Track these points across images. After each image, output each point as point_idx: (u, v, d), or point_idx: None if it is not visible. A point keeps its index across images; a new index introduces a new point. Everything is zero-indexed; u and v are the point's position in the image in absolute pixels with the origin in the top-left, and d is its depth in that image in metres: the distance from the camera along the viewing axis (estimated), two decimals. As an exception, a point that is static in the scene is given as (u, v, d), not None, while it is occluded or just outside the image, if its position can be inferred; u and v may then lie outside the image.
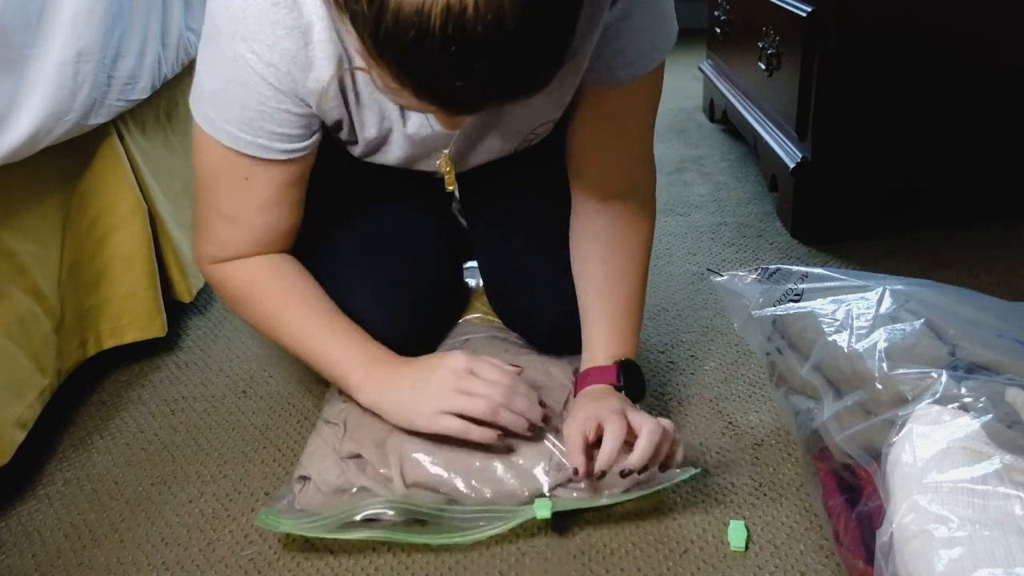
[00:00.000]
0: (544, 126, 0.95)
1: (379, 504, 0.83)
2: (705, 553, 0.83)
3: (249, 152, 0.82)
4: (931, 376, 0.76)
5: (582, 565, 0.82)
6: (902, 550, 0.67)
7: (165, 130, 1.30)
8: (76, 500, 0.95)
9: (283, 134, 0.82)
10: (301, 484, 0.88)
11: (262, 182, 0.85)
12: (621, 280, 0.95)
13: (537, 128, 0.94)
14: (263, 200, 0.87)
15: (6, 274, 0.95)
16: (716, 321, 1.25)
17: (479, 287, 1.15)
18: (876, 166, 1.45)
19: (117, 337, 1.15)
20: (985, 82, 1.41)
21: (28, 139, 0.90)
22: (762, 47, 1.62)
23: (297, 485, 0.88)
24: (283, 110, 0.80)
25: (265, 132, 0.81)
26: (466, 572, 0.82)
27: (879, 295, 0.88)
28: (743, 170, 1.87)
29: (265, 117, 0.80)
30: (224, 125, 0.81)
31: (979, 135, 1.44)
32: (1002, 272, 1.35)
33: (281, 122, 0.81)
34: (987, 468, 0.68)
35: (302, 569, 0.83)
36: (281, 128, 0.81)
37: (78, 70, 0.97)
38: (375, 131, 0.87)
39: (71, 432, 1.07)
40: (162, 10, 1.19)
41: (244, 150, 0.82)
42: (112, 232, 1.13)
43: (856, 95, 1.39)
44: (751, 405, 1.06)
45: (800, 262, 1.43)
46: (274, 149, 0.82)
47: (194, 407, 1.11)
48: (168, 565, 0.85)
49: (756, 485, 0.92)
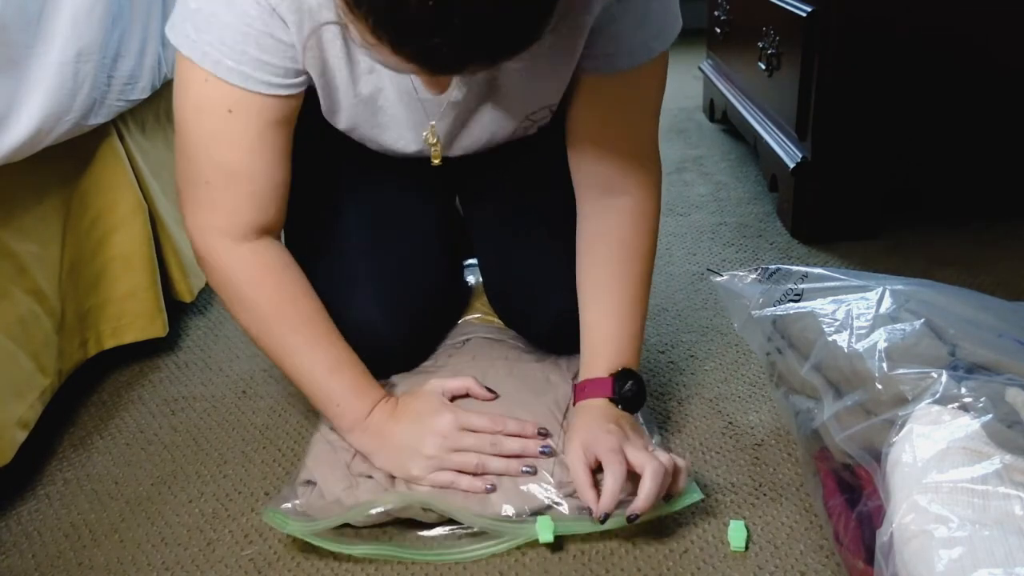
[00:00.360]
0: (541, 113, 0.93)
1: (388, 502, 0.83)
2: (705, 553, 0.83)
3: (231, 80, 0.78)
4: (931, 376, 0.76)
5: (582, 565, 0.82)
6: (902, 550, 0.67)
7: (165, 130, 1.30)
8: (76, 500, 0.95)
9: (267, 63, 0.78)
10: (306, 488, 0.88)
11: (245, 117, 0.81)
12: (622, 283, 0.93)
13: (533, 114, 0.93)
14: (250, 141, 0.82)
15: (7, 274, 0.95)
16: (716, 321, 1.25)
17: (479, 286, 1.15)
18: (876, 166, 1.45)
19: (117, 337, 1.15)
20: (985, 82, 1.41)
21: (28, 139, 0.90)
22: (762, 47, 1.62)
23: (301, 488, 0.88)
24: (267, 33, 0.77)
25: (248, 59, 0.77)
26: (466, 572, 0.82)
27: (879, 295, 0.88)
28: (743, 170, 1.87)
29: (249, 41, 0.76)
30: (206, 47, 0.77)
31: (979, 135, 1.44)
32: (1002, 272, 1.35)
33: (265, 48, 0.77)
34: (987, 468, 0.68)
35: (302, 569, 0.83)
36: (265, 55, 0.78)
37: (78, 70, 0.97)
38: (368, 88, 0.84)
39: (71, 432, 1.07)
40: (162, 10, 1.19)
41: (225, 77, 0.78)
42: (112, 232, 1.13)
43: (856, 95, 1.39)
44: (751, 405, 1.06)
45: (800, 262, 1.43)
46: (256, 79, 0.78)
47: (194, 407, 1.11)
48: (168, 565, 0.85)
49: (756, 485, 0.92)
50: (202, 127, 0.82)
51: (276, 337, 0.88)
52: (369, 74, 0.84)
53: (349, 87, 0.85)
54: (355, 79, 0.84)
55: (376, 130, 0.91)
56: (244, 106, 0.80)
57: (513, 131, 0.95)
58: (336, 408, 0.88)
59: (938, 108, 1.41)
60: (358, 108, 0.87)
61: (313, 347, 0.89)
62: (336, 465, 0.88)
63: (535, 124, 0.95)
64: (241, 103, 0.80)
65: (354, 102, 0.86)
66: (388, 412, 0.89)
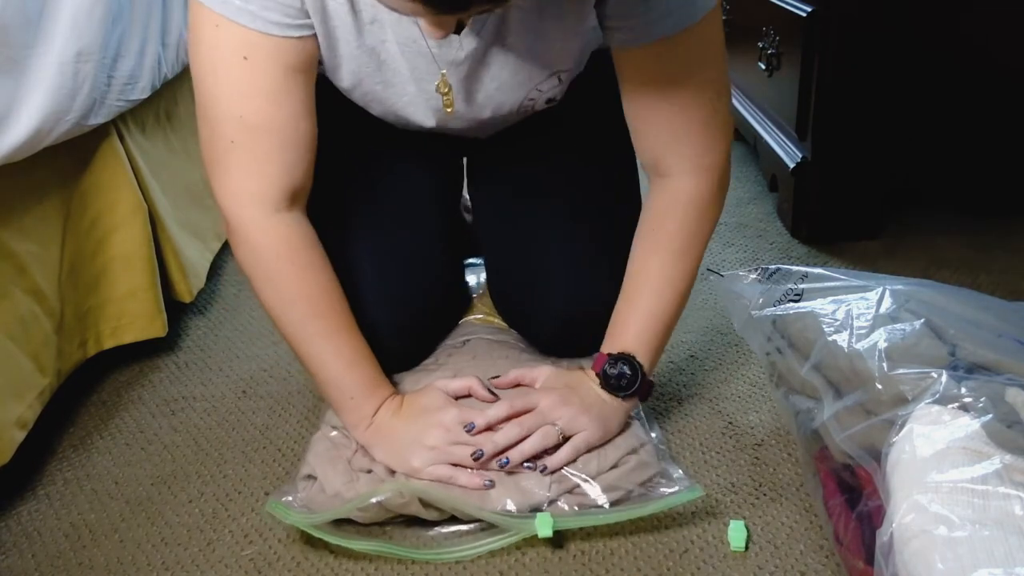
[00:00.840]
0: (550, 83, 0.91)
1: (387, 491, 0.83)
2: (705, 553, 0.83)
3: (240, 20, 0.77)
4: (931, 376, 0.76)
5: (582, 565, 0.82)
6: (902, 550, 0.67)
7: (165, 130, 1.30)
8: (76, 500, 0.95)
9: (272, 2, 0.77)
10: (307, 482, 0.88)
11: (262, 61, 0.79)
12: (647, 275, 0.90)
13: (541, 84, 0.90)
14: (269, 88, 0.80)
15: (6, 274, 0.95)
16: (716, 321, 1.25)
17: (483, 288, 1.15)
18: (876, 166, 1.45)
19: (117, 337, 1.15)
20: (985, 82, 1.41)
21: (28, 139, 0.90)
22: (762, 47, 1.62)
23: (302, 483, 0.88)
24: None
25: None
26: (466, 572, 0.82)
27: (879, 295, 0.88)
28: (743, 170, 1.87)
29: None
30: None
31: (979, 135, 1.44)
32: (1002, 272, 1.35)
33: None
34: (987, 468, 0.68)
35: (302, 569, 0.83)
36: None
37: (78, 70, 0.97)
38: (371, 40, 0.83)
39: (71, 432, 1.07)
40: (162, 10, 1.19)
41: (234, 17, 0.76)
42: (112, 232, 1.13)
43: (856, 95, 1.39)
44: (751, 405, 1.06)
45: (800, 262, 1.43)
46: (264, 19, 0.77)
47: (194, 407, 1.11)
48: (168, 565, 0.85)
49: (756, 485, 0.92)
50: (219, 81, 0.80)
51: (299, 319, 0.87)
52: (371, 24, 0.82)
53: (351, 36, 0.83)
54: (358, 28, 0.82)
55: (380, 86, 0.89)
56: (259, 50, 0.79)
57: (521, 102, 0.92)
58: (350, 401, 0.88)
59: (938, 108, 1.42)
60: (361, 60, 0.85)
61: (335, 336, 0.88)
62: (337, 461, 0.88)
63: (544, 95, 0.92)
64: (256, 48, 0.78)
65: (357, 53, 0.84)
66: (394, 409, 0.89)
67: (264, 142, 0.82)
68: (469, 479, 0.84)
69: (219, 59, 0.79)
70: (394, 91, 0.89)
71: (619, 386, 0.89)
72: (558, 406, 0.87)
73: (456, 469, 0.84)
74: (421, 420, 0.87)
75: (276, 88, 0.81)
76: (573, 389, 0.90)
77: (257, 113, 0.81)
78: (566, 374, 0.93)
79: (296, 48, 0.80)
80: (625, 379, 0.89)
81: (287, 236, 0.86)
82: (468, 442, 0.85)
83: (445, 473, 0.84)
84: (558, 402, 0.87)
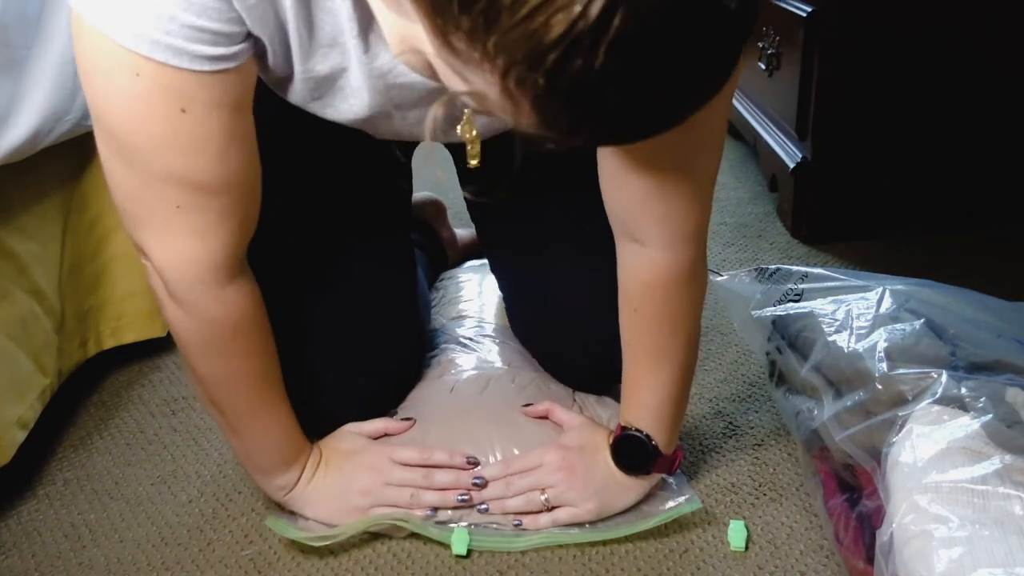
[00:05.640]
0: None
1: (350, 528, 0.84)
2: (705, 553, 0.83)
3: (165, 60, 0.59)
4: (931, 376, 0.76)
5: (582, 565, 0.82)
6: (902, 550, 0.67)
7: (165, 130, 1.30)
8: (76, 500, 0.95)
9: (203, 29, 0.59)
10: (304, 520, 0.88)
11: (202, 113, 0.63)
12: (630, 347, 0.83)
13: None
14: (218, 142, 0.65)
15: (7, 274, 0.95)
16: (716, 321, 1.25)
17: (482, 293, 1.15)
18: (876, 166, 1.45)
19: (117, 337, 1.15)
20: (985, 82, 1.40)
21: (28, 139, 0.90)
22: (762, 47, 1.62)
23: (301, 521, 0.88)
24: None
25: (178, 26, 0.58)
26: (466, 572, 0.82)
27: (879, 295, 0.88)
28: (743, 170, 1.87)
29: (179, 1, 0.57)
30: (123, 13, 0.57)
31: (979, 135, 1.44)
32: (1002, 272, 1.35)
33: (199, 10, 0.58)
34: (987, 468, 0.68)
35: (302, 569, 0.83)
36: (200, 20, 0.58)
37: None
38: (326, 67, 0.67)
39: (71, 432, 1.07)
40: (162, 10, 1.19)
41: (156, 55, 0.58)
42: (112, 232, 1.13)
43: (856, 95, 1.39)
44: (751, 405, 1.06)
45: (800, 262, 1.43)
46: (192, 54, 0.59)
47: (194, 407, 1.11)
48: (168, 565, 0.85)
49: (756, 485, 0.92)
50: (152, 139, 0.64)
51: (242, 391, 0.80)
52: (330, 48, 0.65)
53: (300, 60, 0.66)
54: (310, 51, 0.66)
55: (331, 110, 0.73)
56: (196, 101, 0.62)
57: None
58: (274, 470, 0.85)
59: (938, 108, 1.41)
60: (308, 86, 0.69)
61: (272, 409, 0.82)
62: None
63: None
64: (193, 98, 0.62)
65: (303, 78, 0.68)
66: (313, 466, 0.86)
67: (216, 204, 0.69)
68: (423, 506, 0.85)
69: (148, 114, 0.62)
70: (367, 116, 0.73)
71: (630, 465, 0.84)
72: (558, 470, 0.84)
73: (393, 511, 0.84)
74: (347, 465, 0.86)
75: (224, 140, 0.66)
76: (585, 456, 0.85)
77: (204, 172, 0.66)
78: (590, 433, 0.87)
79: (236, 81, 0.64)
80: (636, 457, 0.84)
81: (242, 306, 0.75)
82: (397, 482, 0.85)
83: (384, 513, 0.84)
84: (560, 466, 0.84)
